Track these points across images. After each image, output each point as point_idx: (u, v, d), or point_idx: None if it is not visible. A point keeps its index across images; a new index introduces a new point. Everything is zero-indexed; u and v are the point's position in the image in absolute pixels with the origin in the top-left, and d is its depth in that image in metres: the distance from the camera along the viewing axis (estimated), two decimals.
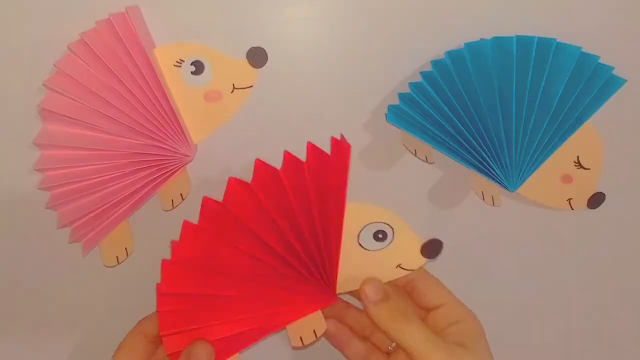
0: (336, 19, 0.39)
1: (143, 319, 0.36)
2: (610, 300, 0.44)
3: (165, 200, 0.37)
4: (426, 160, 0.39)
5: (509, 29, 0.38)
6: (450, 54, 0.38)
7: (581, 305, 0.44)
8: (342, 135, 0.35)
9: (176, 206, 0.37)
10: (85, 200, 0.38)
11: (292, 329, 0.35)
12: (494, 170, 0.38)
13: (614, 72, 0.38)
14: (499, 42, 0.38)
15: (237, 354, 0.35)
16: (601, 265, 0.43)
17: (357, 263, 0.35)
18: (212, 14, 0.38)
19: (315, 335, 0.35)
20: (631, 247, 0.43)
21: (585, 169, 0.39)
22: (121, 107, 0.36)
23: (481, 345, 0.33)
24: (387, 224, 0.35)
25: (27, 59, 0.37)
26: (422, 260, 0.35)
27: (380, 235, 0.35)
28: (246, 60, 0.38)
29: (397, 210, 0.35)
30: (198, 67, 0.38)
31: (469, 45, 0.38)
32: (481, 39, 0.38)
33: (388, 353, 0.37)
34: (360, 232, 0.35)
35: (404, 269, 0.35)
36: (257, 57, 0.38)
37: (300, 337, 0.35)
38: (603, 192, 0.40)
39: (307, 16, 0.39)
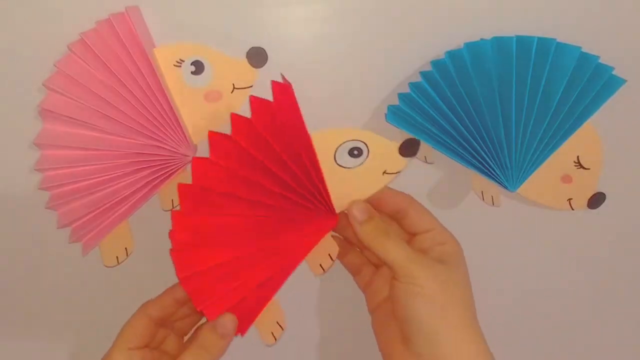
0: (336, 20, 0.39)
1: (147, 301, 0.37)
2: (610, 300, 0.45)
3: (165, 200, 0.38)
4: (425, 160, 0.40)
5: (509, 29, 0.38)
6: (450, 54, 0.38)
7: (581, 305, 0.45)
8: (282, 76, 0.37)
9: (176, 206, 0.38)
10: (85, 200, 0.38)
11: (311, 260, 0.38)
12: (494, 170, 0.38)
13: (614, 72, 0.38)
14: (499, 42, 0.38)
15: (273, 299, 0.38)
16: (601, 265, 0.44)
17: (344, 183, 0.37)
18: (212, 13, 0.39)
19: (332, 259, 0.38)
20: (631, 247, 0.43)
21: (585, 169, 0.40)
22: (121, 107, 0.37)
23: (460, 265, 0.36)
24: (359, 140, 0.37)
25: (26, 59, 0.38)
26: (403, 161, 0.37)
27: (355, 152, 0.37)
28: (246, 60, 0.39)
29: None
30: (198, 67, 0.38)
31: (468, 45, 0.38)
32: (481, 39, 0.38)
33: (377, 265, 0.40)
34: (335, 154, 0.37)
35: (390, 173, 0.37)
36: (257, 57, 0.39)
37: (320, 265, 0.38)
38: (603, 192, 0.41)
39: (307, 16, 0.39)
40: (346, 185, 0.37)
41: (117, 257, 0.39)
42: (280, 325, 0.39)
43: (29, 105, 0.38)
